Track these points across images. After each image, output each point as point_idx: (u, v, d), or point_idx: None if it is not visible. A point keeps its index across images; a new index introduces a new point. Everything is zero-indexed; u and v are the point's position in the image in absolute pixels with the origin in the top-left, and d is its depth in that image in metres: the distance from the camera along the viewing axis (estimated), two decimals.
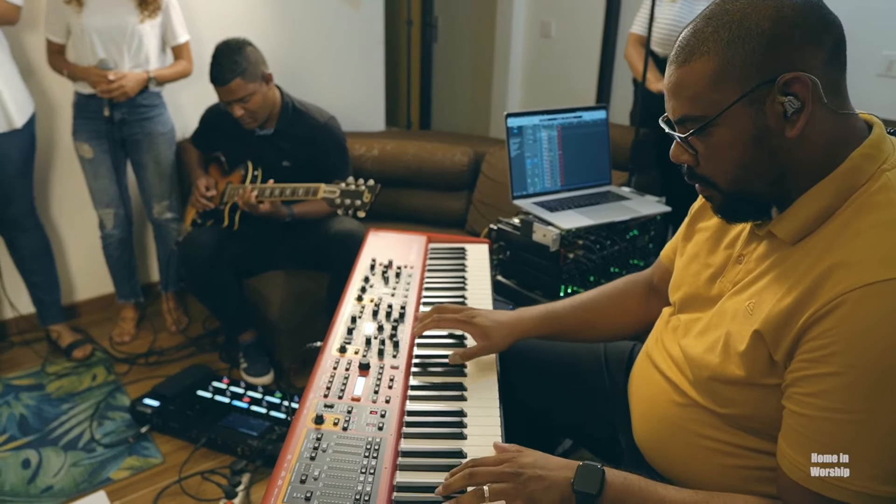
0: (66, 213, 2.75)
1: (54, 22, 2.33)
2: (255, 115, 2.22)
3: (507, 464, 0.91)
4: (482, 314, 1.23)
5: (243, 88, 2.15)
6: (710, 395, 0.95)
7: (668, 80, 0.90)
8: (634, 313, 1.28)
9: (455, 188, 2.82)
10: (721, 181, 0.90)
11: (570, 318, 1.26)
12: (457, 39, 4.61)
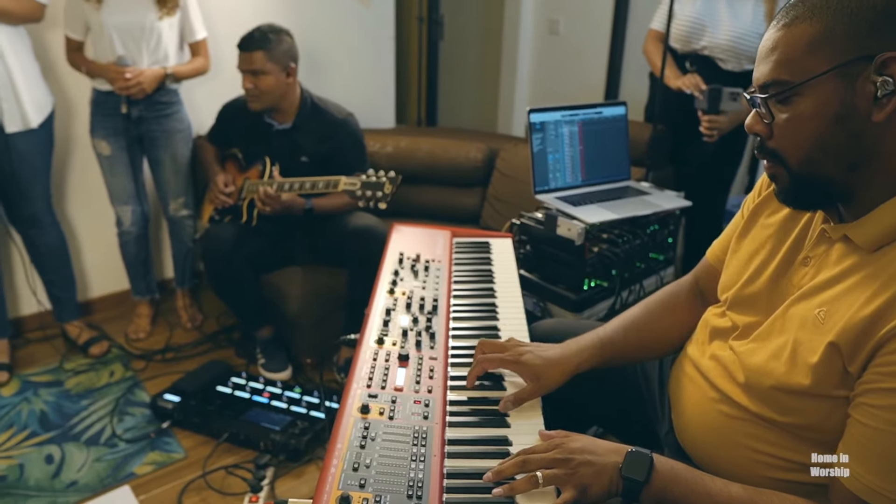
0: (82, 211, 2.75)
1: (73, 19, 2.34)
2: (261, 95, 2.25)
3: (558, 450, 0.92)
4: (530, 350, 1.14)
5: (262, 63, 2.19)
6: (768, 404, 0.92)
7: (764, 43, 0.86)
8: (685, 324, 1.20)
9: (469, 184, 2.84)
10: (792, 158, 0.86)
11: (622, 342, 1.19)
12: (464, 37, 4.62)
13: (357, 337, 1.32)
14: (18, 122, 2.23)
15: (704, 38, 2.33)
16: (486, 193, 2.81)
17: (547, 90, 3.92)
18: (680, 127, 2.44)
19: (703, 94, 2.23)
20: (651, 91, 2.66)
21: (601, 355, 1.16)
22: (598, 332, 1.20)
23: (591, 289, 1.86)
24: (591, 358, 1.15)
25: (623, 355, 1.20)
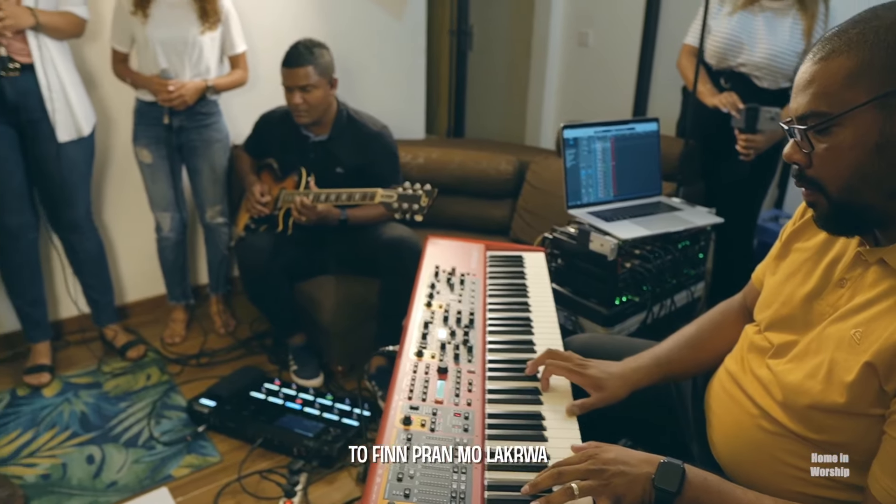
0: (119, 218, 2.83)
1: (120, 32, 2.42)
2: (311, 109, 2.29)
3: (591, 461, 0.94)
4: (593, 364, 1.20)
5: (311, 77, 2.23)
6: (805, 422, 0.94)
7: (801, 76, 0.89)
8: (734, 340, 1.23)
9: (499, 196, 2.87)
10: (832, 186, 0.88)
11: (677, 360, 1.24)
12: (492, 48, 4.66)
13: (396, 348, 1.35)
14: (72, 131, 2.32)
15: (741, 55, 2.31)
16: (515, 205, 2.84)
17: (575, 103, 3.94)
18: (713, 143, 2.44)
19: (741, 112, 2.21)
20: (683, 106, 2.66)
21: (658, 373, 1.21)
22: (655, 350, 1.25)
23: (622, 304, 1.87)
24: (648, 376, 1.21)
25: (678, 373, 1.25)
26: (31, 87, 2.19)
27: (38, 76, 2.19)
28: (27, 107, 2.21)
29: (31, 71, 2.18)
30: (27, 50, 2.16)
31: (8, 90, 2.16)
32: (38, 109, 2.22)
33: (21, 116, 2.22)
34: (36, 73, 2.19)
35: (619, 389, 1.17)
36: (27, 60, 2.17)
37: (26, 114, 2.22)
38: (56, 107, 2.24)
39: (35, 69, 2.19)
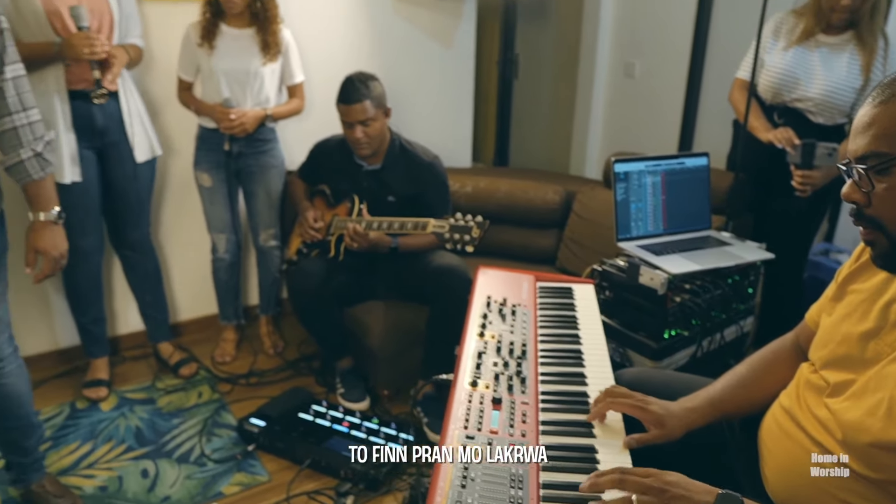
0: (174, 239, 2.94)
1: (186, 62, 2.54)
2: (372, 141, 2.35)
3: (653, 478, 0.95)
4: (655, 402, 1.23)
5: (369, 111, 2.29)
6: (865, 460, 0.95)
7: (860, 118, 0.93)
8: (786, 379, 1.24)
9: (546, 225, 2.90)
10: (891, 225, 0.92)
11: (731, 401, 1.26)
12: (537, 76, 4.71)
13: (450, 377, 1.39)
14: (147, 151, 2.46)
15: (796, 90, 2.29)
16: (562, 235, 2.86)
17: (621, 133, 3.96)
18: (764, 177, 2.42)
19: (796, 148, 2.17)
20: (734, 139, 2.66)
21: (713, 414, 1.24)
22: (709, 391, 1.27)
23: (671, 337, 1.88)
24: (703, 416, 1.23)
25: (731, 413, 1.27)
26: (115, 112, 2.34)
27: (120, 102, 2.34)
28: (111, 130, 2.35)
29: (114, 98, 2.33)
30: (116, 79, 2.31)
31: (97, 116, 2.30)
32: (120, 132, 2.37)
33: (105, 139, 2.36)
34: (119, 99, 2.34)
35: (677, 428, 1.20)
36: (113, 88, 2.32)
37: (109, 136, 2.36)
38: (135, 129, 2.39)
39: (118, 96, 2.34)
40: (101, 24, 2.24)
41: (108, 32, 2.27)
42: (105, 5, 2.25)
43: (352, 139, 2.36)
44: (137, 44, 2.41)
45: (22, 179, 1.70)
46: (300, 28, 2.83)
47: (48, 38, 2.14)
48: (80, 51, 2.11)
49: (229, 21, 2.48)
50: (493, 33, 4.52)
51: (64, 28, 2.15)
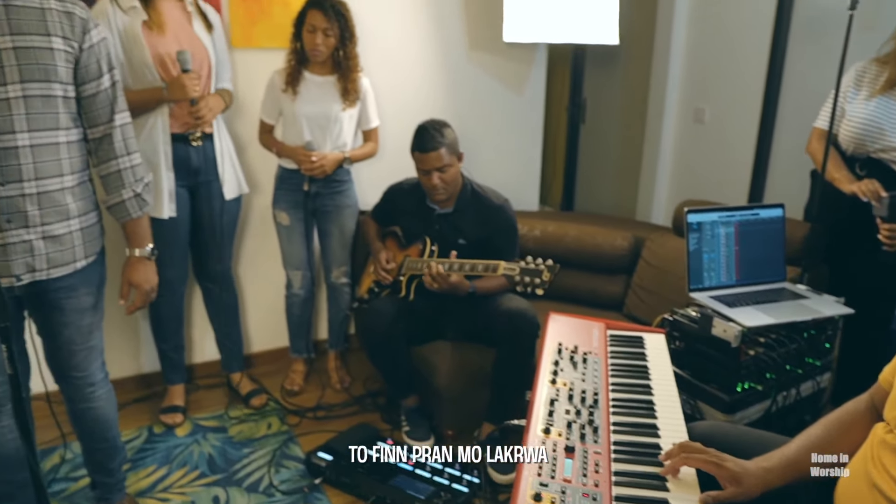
0: (251, 273, 3.07)
1: (270, 107, 2.68)
2: (448, 186, 2.42)
3: None
4: (731, 459, 1.23)
5: (445, 158, 2.37)
6: None
7: None
8: (861, 441, 1.23)
9: (614, 271, 2.90)
10: None
11: (805, 463, 1.24)
12: (605, 121, 4.74)
13: (522, 423, 1.41)
14: (235, 189, 2.60)
15: (881, 141, 2.24)
16: (630, 281, 2.85)
17: (689, 179, 3.92)
18: (842, 228, 2.36)
19: (883, 201, 2.11)
20: (812, 190, 2.60)
21: (789, 475, 1.23)
22: (784, 451, 1.25)
23: (744, 391, 1.85)
24: (780, 477, 1.22)
25: (807, 474, 1.24)
26: (210, 153, 2.50)
27: (214, 143, 2.50)
28: (204, 170, 2.51)
29: (209, 139, 2.49)
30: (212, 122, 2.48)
31: (193, 156, 2.46)
32: (212, 172, 2.52)
33: (198, 178, 2.51)
34: (213, 141, 2.50)
35: (754, 487, 1.19)
36: (209, 131, 2.49)
37: (202, 175, 2.51)
38: (226, 168, 2.54)
39: (213, 138, 2.50)
40: (202, 69, 2.41)
41: (206, 78, 2.44)
42: (205, 52, 2.42)
43: (428, 186, 2.43)
44: (228, 88, 2.58)
45: (121, 217, 1.84)
46: (378, 76, 2.96)
47: (155, 85, 2.32)
48: (186, 91, 2.28)
49: (312, 68, 2.62)
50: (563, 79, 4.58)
51: (168, 74, 2.32)
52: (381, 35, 3.02)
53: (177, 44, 2.33)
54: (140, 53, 2.28)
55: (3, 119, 1.52)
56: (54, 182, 1.63)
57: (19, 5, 1.53)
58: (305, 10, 2.53)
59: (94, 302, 1.84)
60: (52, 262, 1.68)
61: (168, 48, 2.30)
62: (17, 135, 1.54)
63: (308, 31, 2.52)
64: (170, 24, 2.33)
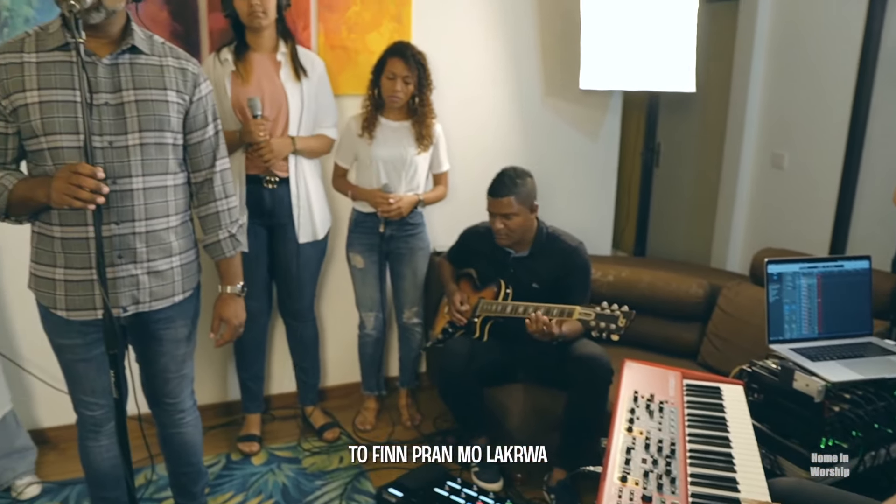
0: (329, 310, 3.18)
1: (346, 151, 2.81)
2: (511, 233, 2.47)
3: None
4: None
5: (512, 207, 2.42)
6: None
7: None
8: None
9: (688, 319, 2.86)
10: None
11: None
12: (679, 166, 4.70)
13: (598, 469, 1.42)
14: (309, 234, 2.69)
15: None
16: (705, 329, 2.81)
17: (767, 227, 3.83)
18: None
19: None
20: None
21: None
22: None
23: (828, 448, 1.79)
24: None
25: None
26: (285, 196, 2.61)
27: (290, 188, 2.60)
28: (279, 212, 2.61)
29: (286, 183, 2.60)
30: (286, 166, 2.58)
31: (267, 198, 2.58)
32: (287, 215, 2.62)
33: (273, 220, 2.63)
34: (290, 185, 2.60)
35: None
36: (284, 175, 2.59)
37: (277, 218, 2.62)
38: (301, 213, 2.63)
39: (289, 182, 2.60)
40: (279, 113, 2.54)
41: (284, 122, 2.56)
42: (284, 99, 2.54)
43: (493, 228, 2.50)
44: (328, 134, 2.70)
45: (216, 256, 1.96)
46: (453, 121, 3.08)
47: (234, 128, 2.47)
48: (252, 135, 2.41)
49: (388, 114, 2.74)
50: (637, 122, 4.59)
51: (245, 119, 2.47)
52: (457, 82, 3.13)
53: (258, 92, 2.48)
54: (223, 101, 2.45)
55: (122, 164, 1.66)
56: (161, 222, 1.77)
57: (142, 63, 1.69)
58: (386, 58, 2.66)
59: (188, 333, 1.96)
60: (154, 295, 1.80)
61: (249, 96, 2.45)
62: (132, 178, 1.68)
63: (388, 79, 2.64)
64: (255, 74, 2.50)
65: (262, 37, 2.50)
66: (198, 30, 2.68)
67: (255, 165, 2.53)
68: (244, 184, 2.54)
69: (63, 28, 1.60)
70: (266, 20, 2.43)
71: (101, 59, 1.64)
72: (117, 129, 1.66)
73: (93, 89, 1.61)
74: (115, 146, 1.66)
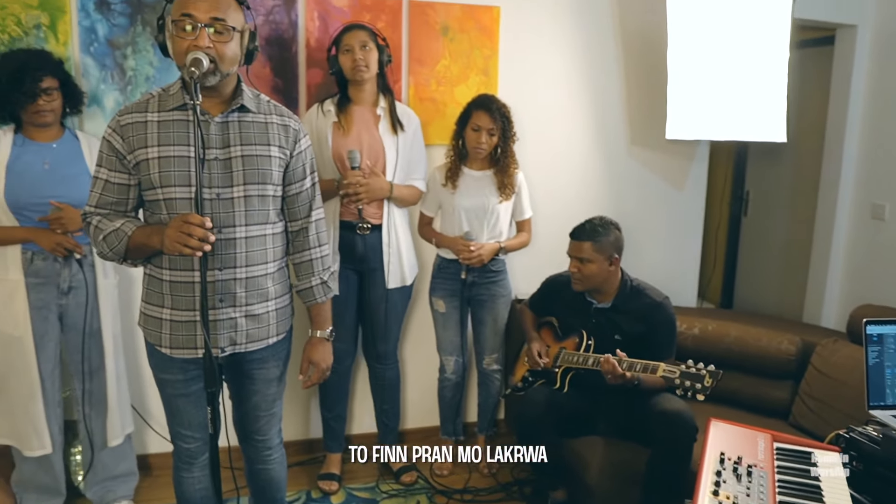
0: (410, 354, 3.24)
1: (430, 200, 2.89)
2: (584, 279, 2.49)
3: None
4: None
5: (588, 252, 2.45)
6: None
7: None
8: None
9: (778, 376, 2.75)
10: None
11: None
12: (769, 215, 4.55)
13: None
14: (398, 280, 2.78)
15: None
16: (797, 389, 2.69)
17: (866, 281, 3.64)
18: None
19: None
20: None
21: None
22: None
23: None
24: None
25: None
26: (376, 242, 2.71)
27: (382, 235, 2.71)
28: (370, 258, 2.72)
29: (378, 230, 2.71)
30: (379, 214, 2.70)
31: (359, 244, 2.68)
32: (378, 261, 2.72)
33: (364, 265, 2.73)
34: (381, 232, 2.71)
35: None
36: (377, 222, 2.70)
37: (368, 263, 2.73)
38: (391, 260, 2.73)
39: (381, 229, 2.71)
40: (375, 164, 2.66)
41: (380, 172, 2.67)
42: (381, 148, 2.67)
43: (570, 270, 2.53)
44: (418, 185, 2.80)
45: (308, 301, 2.05)
46: (538, 171, 3.12)
47: (333, 177, 2.60)
48: (351, 186, 2.53)
49: (471, 164, 2.82)
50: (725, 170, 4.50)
51: (343, 168, 2.60)
52: (541, 132, 3.18)
53: (357, 143, 2.61)
54: (324, 150, 2.60)
55: (227, 215, 1.79)
56: (259, 269, 1.87)
57: (249, 120, 1.83)
58: (471, 111, 2.75)
59: (279, 374, 2.05)
60: (250, 337, 1.90)
61: (349, 147, 2.59)
62: (236, 228, 1.80)
63: (473, 130, 2.72)
64: (356, 126, 2.63)
65: (363, 90, 2.65)
66: (297, 85, 2.86)
67: (349, 212, 2.65)
68: (338, 230, 2.65)
69: (182, 90, 1.76)
70: (368, 74, 2.59)
71: (214, 118, 1.78)
72: (225, 181, 1.78)
73: (205, 145, 1.75)
74: (222, 198, 1.78)
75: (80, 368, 2.46)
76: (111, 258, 1.81)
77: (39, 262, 2.34)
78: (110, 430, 2.53)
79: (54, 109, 2.32)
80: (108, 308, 2.48)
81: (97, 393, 2.50)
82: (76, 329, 2.43)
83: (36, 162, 2.32)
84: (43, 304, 2.36)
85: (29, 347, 2.35)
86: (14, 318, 2.33)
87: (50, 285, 2.37)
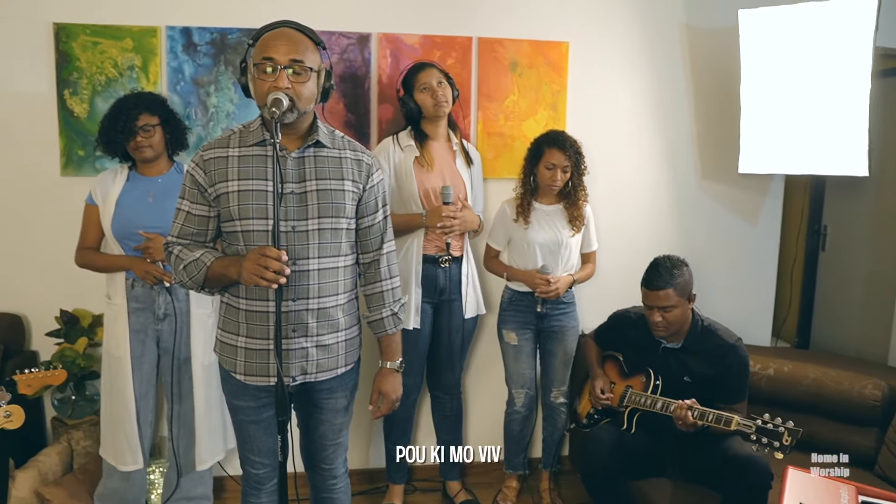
0: (475, 386, 3.23)
1: (500, 234, 2.90)
2: (670, 326, 2.41)
3: None
4: None
5: (671, 299, 2.36)
6: None
7: None
8: None
9: (862, 423, 2.61)
10: None
11: None
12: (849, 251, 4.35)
13: None
14: (474, 309, 2.84)
15: None
16: (883, 437, 2.55)
17: None
18: None
19: None
20: None
21: None
22: None
23: None
24: None
25: None
26: (456, 274, 2.78)
27: (462, 266, 2.77)
28: (449, 289, 2.77)
29: (458, 261, 2.77)
30: (460, 245, 2.77)
31: (441, 277, 2.74)
32: (457, 291, 2.78)
33: (443, 297, 2.78)
34: (461, 264, 2.77)
35: None
36: (458, 254, 2.77)
37: (447, 294, 2.78)
38: (468, 290, 2.79)
39: (461, 261, 2.77)
40: (458, 196, 2.72)
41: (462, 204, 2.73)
42: (461, 182, 2.75)
43: (651, 321, 2.44)
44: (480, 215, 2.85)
45: (378, 333, 2.09)
46: (607, 205, 3.11)
47: (417, 212, 2.67)
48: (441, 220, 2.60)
49: (541, 199, 2.82)
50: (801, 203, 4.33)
51: (430, 204, 2.67)
52: (610, 166, 3.17)
53: (441, 179, 2.70)
54: (409, 186, 2.66)
55: (302, 247, 1.85)
56: (331, 300, 1.92)
57: (324, 156, 1.89)
58: (543, 149, 2.75)
59: (346, 404, 2.08)
60: (320, 367, 1.95)
61: (433, 183, 2.67)
62: (309, 260, 1.86)
63: (546, 168, 2.73)
64: (437, 162, 2.71)
65: (439, 126, 2.75)
66: (368, 120, 2.95)
67: (432, 246, 2.72)
68: (420, 262, 2.71)
69: (262, 127, 1.84)
70: (448, 108, 2.70)
71: (291, 153, 1.85)
72: (300, 214, 1.85)
73: (283, 180, 1.82)
74: (297, 230, 1.85)
75: (171, 391, 2.58)
76: (190, 286, 1.89)
77: (139, 289, 2.50)
78: (198, 455, 2.63)
79: (152, 145, 2.47)
80: (200, 337, 2.57)
81: (185, 416, 2.61)
82: (169, 354, 2.56)
83: (142, 196, 2.49)
84: (141, 328, 2.52)
85: (126, 368, 2.51)
86: (116, 339, 2.51)
87: (147, 311, 2.52)
